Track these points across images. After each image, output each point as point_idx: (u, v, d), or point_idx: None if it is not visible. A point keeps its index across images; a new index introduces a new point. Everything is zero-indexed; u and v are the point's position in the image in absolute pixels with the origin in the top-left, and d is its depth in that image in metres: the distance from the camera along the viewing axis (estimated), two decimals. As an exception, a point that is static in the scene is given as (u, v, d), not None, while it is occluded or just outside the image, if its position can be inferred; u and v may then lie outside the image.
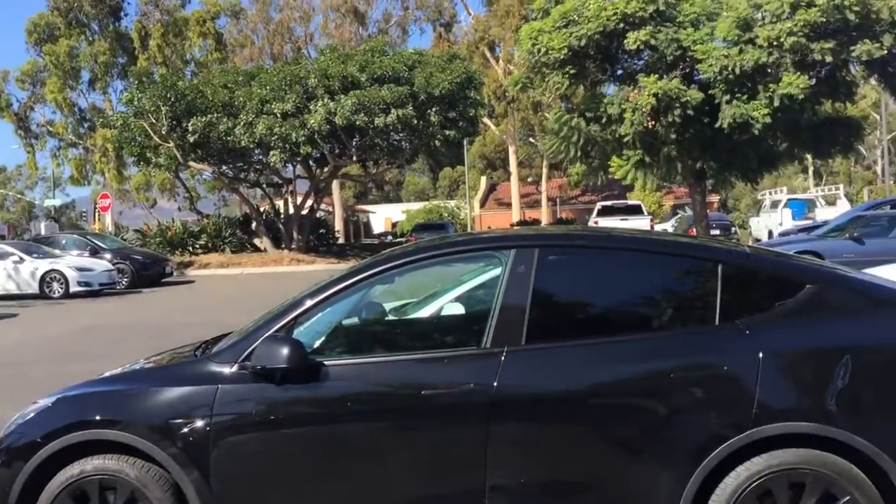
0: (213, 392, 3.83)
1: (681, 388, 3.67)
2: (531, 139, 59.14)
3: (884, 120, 46.48)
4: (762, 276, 3.95)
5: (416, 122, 29.08)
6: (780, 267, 4.03)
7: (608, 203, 34.99)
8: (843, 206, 32.69)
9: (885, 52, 17.89)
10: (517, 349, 3.78)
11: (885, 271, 9.22)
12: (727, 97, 18.92)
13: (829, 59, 17.96)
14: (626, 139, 20.50)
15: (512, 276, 3.92)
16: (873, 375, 3.62)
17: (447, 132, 30.16)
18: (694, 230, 23.71)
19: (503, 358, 3.75)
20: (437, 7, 54.96)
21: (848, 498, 3.44)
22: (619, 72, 21.65)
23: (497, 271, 4.02)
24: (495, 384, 3.69)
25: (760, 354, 3.60)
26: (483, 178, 68.24)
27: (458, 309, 4.56)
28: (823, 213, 30.78)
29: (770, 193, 39.88)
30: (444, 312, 4.59)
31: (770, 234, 30.86)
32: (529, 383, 3.76)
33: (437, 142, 30.45)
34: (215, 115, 29.42)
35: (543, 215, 57.28)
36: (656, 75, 19.46)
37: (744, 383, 3.58)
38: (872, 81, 22.03)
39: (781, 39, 17.85)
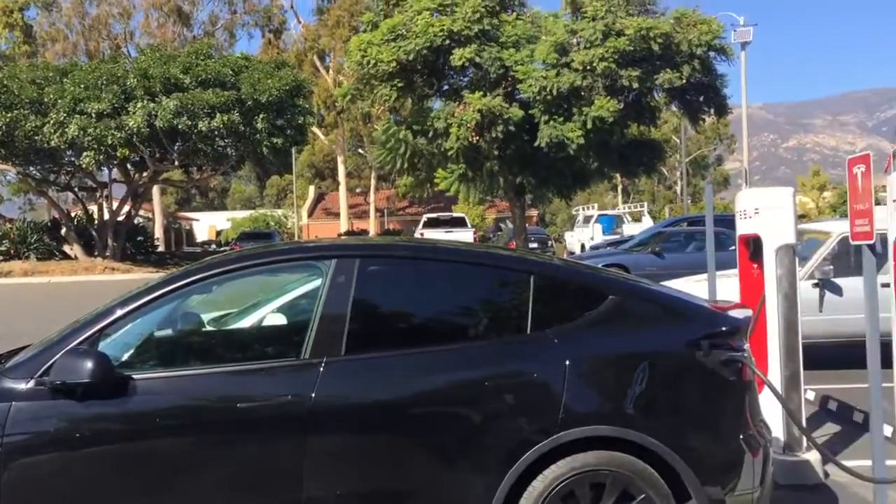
0: (4, 410, 3.53)
1: (494, 395, 3.77)
2: (360, 150, 59.22)
3: (683, 144, 50.18)
4: (570, 288, 4.13)
5: (242, 128, 28.36)
6: (586, 279, 4.24)
7: (434, 215, 35.59)
8: (647, 223, 34.99)
9: (684, 81, 19.38)
10: (336, 360, 3.75)
11: (679, 284, 9.96)
12: (545, 117, 19.82)
13: (635, 85, 19.22)
14: (451, 153, 20.98)
15: (332, 287, 3.89)
16: (667, 380, 3.87)
17: (274, 140, 29.62)
18: (514, 243, 24.58)
19: (322, 369, 3.71)
20: (266, 13, 53.95)
21: (643, 496, 3.65)
22: (446, 87, 22.17)
23: (318, 281, 3.98)
24: (313, 396, 3.64)
25: (567, 362, 3.76)
26: (311, 188, 67.53)
27: (279, 319, 4.47)
28: (630, 229, 32.80)
29: (583, 209, 42.04)
30: (265, 323, 4.49)
31: (583, 247, 32.47)
32: (347, 394, 3.75)
33: (263, 149, 29.83)
34: (21, 111, 27.36)
35: (371, 226, 57.44)
36: (481, 92, 20.09)
37: (551, 390, 3.73)
38: (673, 108, 23.69)
39: (594, 64, 18.92)
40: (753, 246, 6.04)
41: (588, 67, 19.05)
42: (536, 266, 4.29)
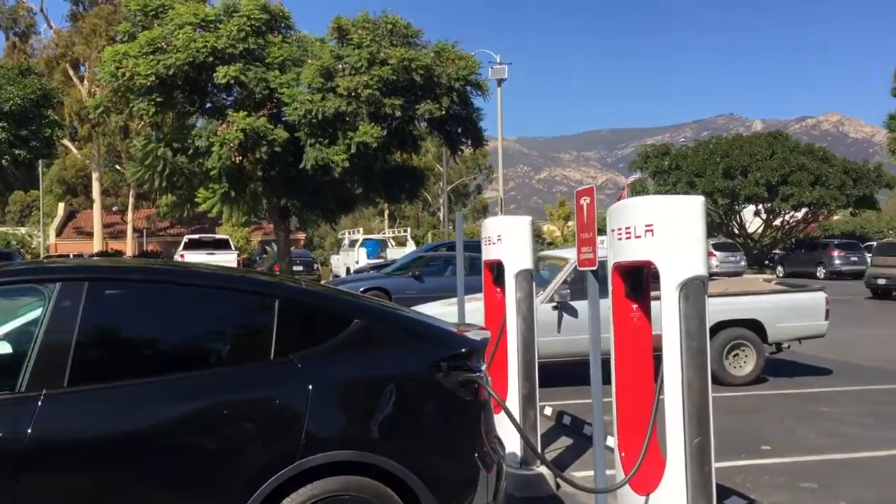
0: None
1: (233, 423, 3.62)
2: (118, 166, 55.57)
3: (445, 172, 52.09)
4: (316, 312, 4.07)
5: (-24, 137, 25.60)
6: (331, 302, 4.20)
7: (195, 236, 34.13)
8: (411, 247, 35.83)
9: (444, 112, 20.10)
10: (57, 392, 3.44)
11: (433, 306, 10.23)
12: (311, 140, 19.68)
13: (398, 113, 19.65)
14: (213, 172, 20.25)
15: (56, 312, 3.58)
16: (408, 403, 3.91)
17: (17, 151, 26.99)
18: (279, 266, 24.13)
19: (40, 402, 3.38)
20: (11, 14, 49.35)
21: (383, 519, 3.66)
22: (209, 105, 21.40)
23: (41, 306, 3.63)
24: (29, 431, 3.31)
25: (310, 387, 3.69)
26: (61, 205, 62.25)
27: (2, 348, 4.02)
28: (394, 253, 33.41)
29: (349, 233, 42.27)
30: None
31: (348, 270, 32.62)
32: (70, 428, 3.43)
33: (4, 161, 27.08)
34: None
35: (128, 247, 53.93)
36: (245, 112, 19.58)
37: (293, 416, 3.64)
38: (435, 137, 24.45)
39: (359, 91, 19.10)
40: (497, 271, 6.33)
41: (353, 93, 19.19)
42: (281, 290, 4.18)
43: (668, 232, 3.84)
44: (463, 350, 4.05)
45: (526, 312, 5.91)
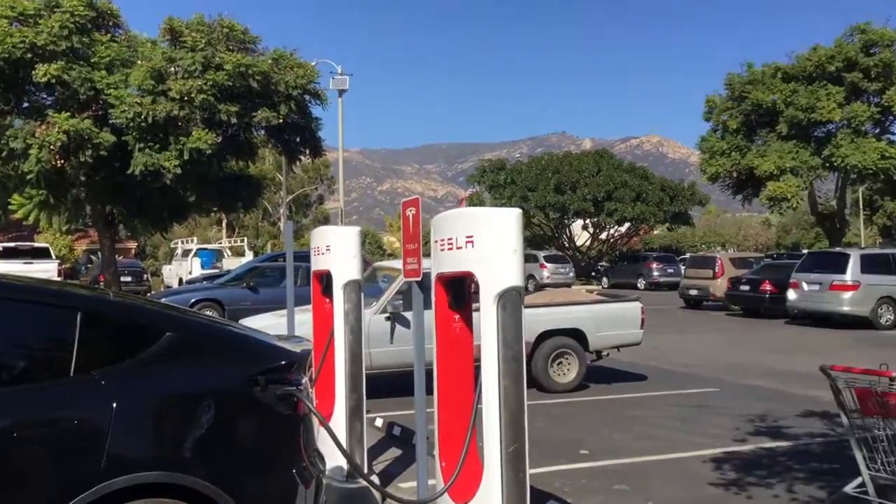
0: None
1: (27, 446, 3.32)
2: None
3: (285, 182, 51.16)
4: (123, 325, 3.81)
5: None
6: (140, 315, 3.95)
7: (11, 245, 31.59)
8: (249, 258, 34.86)
9: (281, 120, 19.68)
10: None
11: (265, 318, 9.96)
12: (140, 145, 18.71)
13: (234, 120, 19.04)
14: (30, 177, 18.85)
15: None
16: (224, 419, 3.72)
17: None
18: (104, 276, 22.76)
19: None
20: None
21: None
22: (26, 104, 19.88)
23: None
24: None
25: (114, 405, 3.45)
26: None
27: None
28: (230, 263, 32.39)
29: (182, 242, 40.60)
30: None
31: (181, 281, 31.30)
32: None
33: None
34: None
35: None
36: (68, 113, 18.35)
37: (94, 436, 3.38)
38: (272, 146, 23.91)
39: (192, 95, 18.37)
40: (325, 281, 6.22)
41: (186, 97, 18.43)
42: (84, 301, 3.88)
43: (487, 243, 3.87)
44: (282, 363, 3.92)
45: (354, 323, 5.84)
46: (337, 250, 5.95)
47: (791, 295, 20.20)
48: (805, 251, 32.86)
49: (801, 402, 9.52)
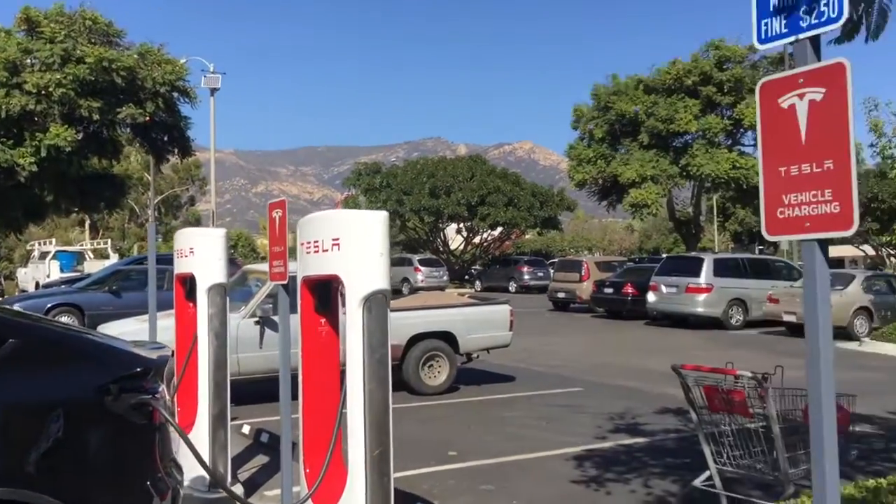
0: None
1: None
2: None
3: (153, 182, 49.22)
4: (-39, 332, 3.53)
5: None
6: (-21, 321, 3.68)
7: None
8: (114, 260, 33.27)
9: (147, 118, 18.93)
10: None
11: (126, 323, 9.53)
12: (-8, 140, 17.58)
13: (96, 116, 18.18)
14: None
15: None
16: (71, 431, 3.50)
17: None
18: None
19: None
20: None
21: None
22: None
23: None
24: None
25: (-51, 417, 3.19)
26: None
27: None
28: (93, 266, 30.80)
29: (40, 244, 38.33)
30: None
31: (37, 285, 29.50)
32: None
33: None
34: None
35: None
36: None
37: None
38: (138, 144, 22.99)
39: (50, 89, 17.41)
40: (189, 285, 6.00)
41: (43, 91, 17.45)
42: (-86, 307, 3.58)
43: (353, 246, 3.83)
44: (137, 370, 3.73)
45: (219, 328, 5.66)
46: (201, 253, 5.75)
47: (651, 297, 21.13)
48: (664, 255, 34.51)
49: (658, 399, 9.96)
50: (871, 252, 46.01)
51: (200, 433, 5.44)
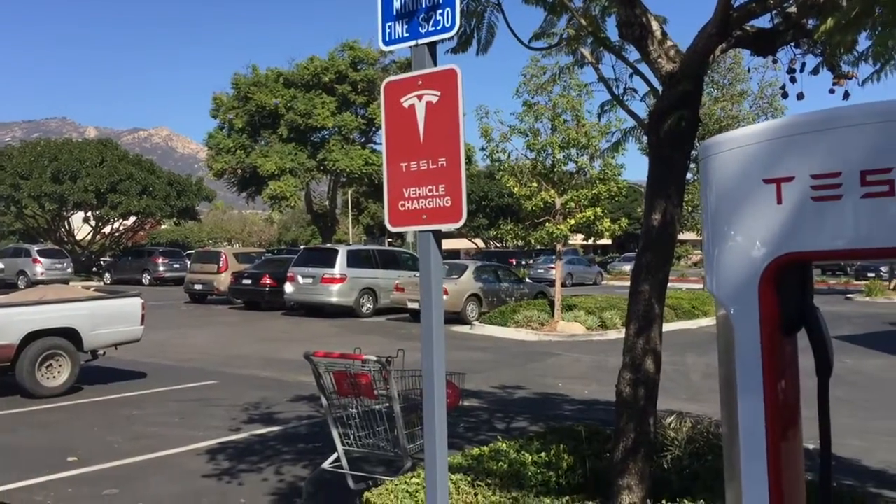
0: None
1: None
2: None
3: None
4: None
5: None
6: None
7: None
8: None
9: None
10: None
11: None
12: None
13: None
14: None
15: None
16: None
17: None
18: None
19: None
20: None
21: None
22: None
23: None
24: None
25: None
26: None
27: None
28: None
29: None
30: None
31: None
32: None
33: None
34: None
35: None
36: None
37: None
38: None
39: None
40: None
41: None
42: None
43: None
44: None
45: None
46: None
47: (288, 288, 21.29)
48: (302, 247, 35.06)
49: (293, 387, 10.04)
50: (482, 245, 51.35)
51: None
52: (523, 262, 39.97)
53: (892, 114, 1.88)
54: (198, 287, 25.83)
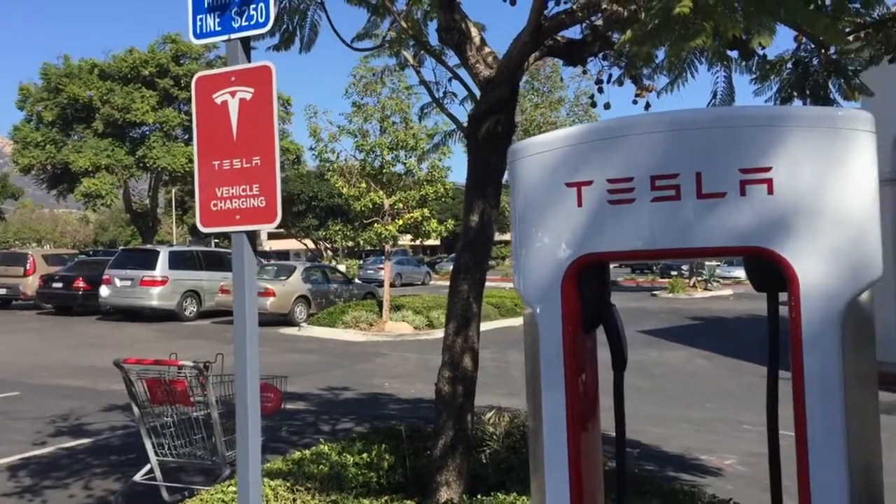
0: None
1: None
2: None
3: None
4: None
5: None
6: None
7: None
8: None
9: None
10: None
11: None
12: None
13: None
14: None
15: None
16: None
17: None
18: None
19: None
20: None
21: None
22: None
23: None
24: None
25: None
26: None
27: None
28: None
29: None
30: None
31: None
32: None
33: None
34: None
35: None
36: None
37: None
38: None
39: None
40: None
41: None
42: None
43: None
44: None
45: None
46: None
47: (104, 291, 20.01)
48: (120, 248, 33.07)
49: (106, 397, 9.42)
50: (311, 245, 50.68)
51: None
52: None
53: (678, 122, 2.01)
54: (2, 291, 23.71)
